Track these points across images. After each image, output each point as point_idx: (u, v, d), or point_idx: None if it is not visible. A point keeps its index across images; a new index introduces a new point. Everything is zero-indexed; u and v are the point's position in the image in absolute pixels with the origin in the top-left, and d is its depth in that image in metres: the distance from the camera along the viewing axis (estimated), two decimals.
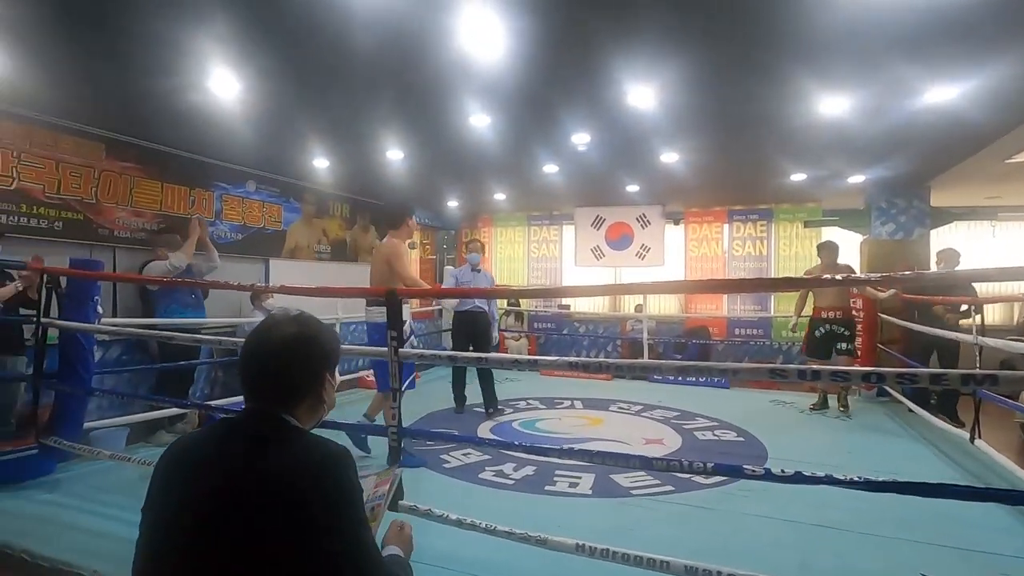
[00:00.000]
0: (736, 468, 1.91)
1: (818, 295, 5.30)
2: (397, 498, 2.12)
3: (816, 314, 5.29)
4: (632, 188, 7.13)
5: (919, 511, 2.37)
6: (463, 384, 5.17)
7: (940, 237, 6.93)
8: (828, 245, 5.29)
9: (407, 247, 3.92)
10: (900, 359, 5.32)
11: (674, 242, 8.57)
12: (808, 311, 5.45)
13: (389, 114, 4.20)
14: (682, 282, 7.36)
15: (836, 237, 5.83)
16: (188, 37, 2.88)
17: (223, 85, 3.49)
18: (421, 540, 1.53)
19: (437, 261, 9.51)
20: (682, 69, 3.27)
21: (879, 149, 4.89)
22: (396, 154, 5.32)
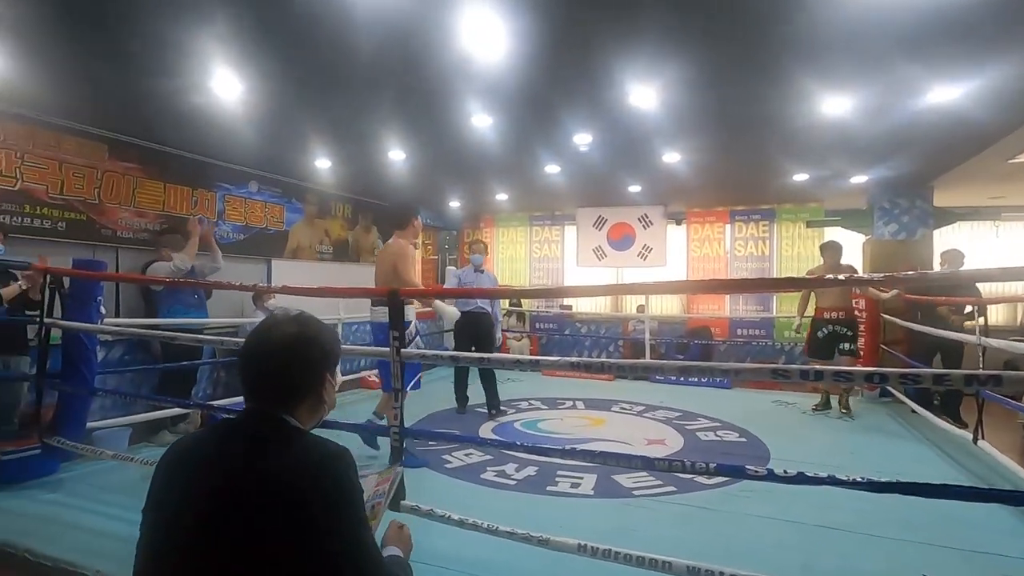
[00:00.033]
0: (738, 469, 1.90)
1: (821, 295, 5.28)
2: (399, 498, 2.12)
3: (819, 314, 5.27)
4: (634, 188, 7.12)
5: (922, 512, 2.37)
6: (465, 384, 5.17)
7: (943, 237, 6.90)
8: (831, 245, 5.26)
9: (414, 249, 3.92)
10: (903, 360, 5.30)
11: (676, 242, 8.56)
12: (811, 311, 5.44)
13: (391, 115, 4.21)
14: (684, 282, 7.36)
15: (839, 237, 5.80)
16: (190, 38, 2.89)
17: (225, 86, 3.50)
18: (423, 540, 1.53)
19: (439, 261, 9.52)
20: (683, 69, 3.26)
21: (882, 149, 4.88)
22: (398, 154, 5.33)
